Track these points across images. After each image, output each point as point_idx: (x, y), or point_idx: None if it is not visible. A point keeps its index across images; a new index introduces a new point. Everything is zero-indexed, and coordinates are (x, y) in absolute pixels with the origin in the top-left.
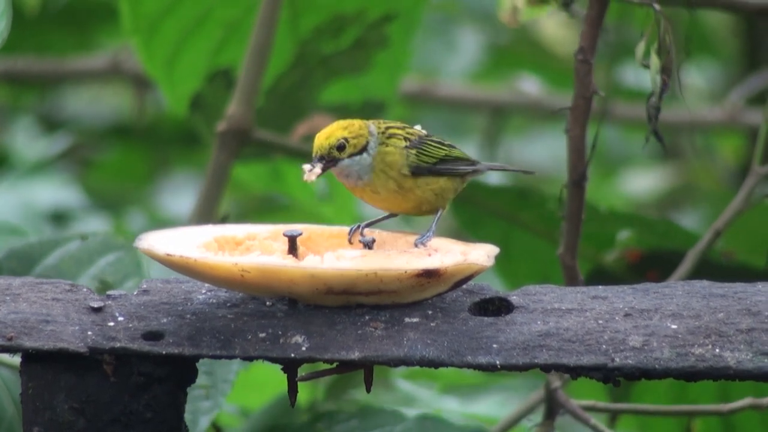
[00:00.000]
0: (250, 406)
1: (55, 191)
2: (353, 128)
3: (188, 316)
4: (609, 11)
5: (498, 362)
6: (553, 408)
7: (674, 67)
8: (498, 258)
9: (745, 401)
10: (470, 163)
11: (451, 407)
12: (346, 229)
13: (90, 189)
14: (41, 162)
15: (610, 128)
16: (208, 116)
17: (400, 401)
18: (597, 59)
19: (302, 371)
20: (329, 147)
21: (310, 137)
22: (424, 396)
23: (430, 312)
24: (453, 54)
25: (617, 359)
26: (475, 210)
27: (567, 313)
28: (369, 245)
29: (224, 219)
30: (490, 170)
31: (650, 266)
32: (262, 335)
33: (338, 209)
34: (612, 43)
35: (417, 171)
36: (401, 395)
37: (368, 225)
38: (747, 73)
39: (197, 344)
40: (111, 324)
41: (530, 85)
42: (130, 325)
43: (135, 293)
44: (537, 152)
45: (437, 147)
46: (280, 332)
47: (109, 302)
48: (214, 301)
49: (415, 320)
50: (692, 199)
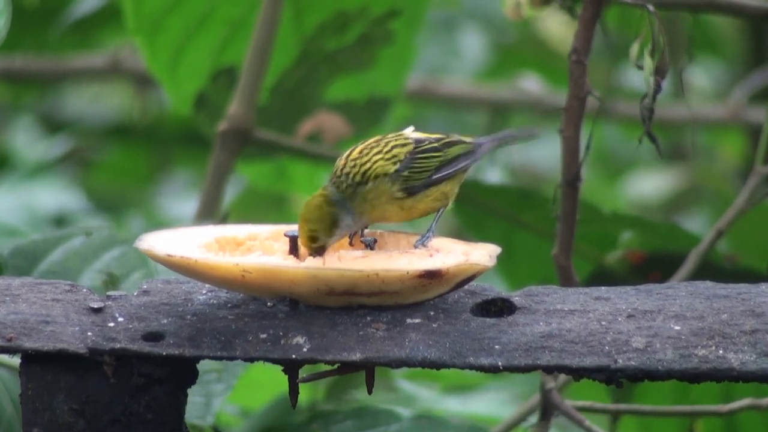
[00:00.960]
0: (250, 406)
1: (56, 194)
2: (315, 214)
3: (189, 317)
4: (610, 13)
5: (500, 363)
6: (548, 409)
7: (673, 68)
8: (499, 258)
9: (745, 402)
10: (467, 155)
11: (452, 407)
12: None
13: (91, 190)
14: (42, 164)
15: (613, 130)
16: (212, 115)
17: (401, 402)
18: (599, 61)
19: (303, 372)
20: (309, 246)
21: (315, 135)
22: (425, 396)
23: (432, 313)
24: (456, 55)
25: (620, 361)
26: (477, 210)
27: (569, 314)
28: (370, 246)
29: (225, 218)
30: (490, 151)
31: (653, 268)
32: (263, 336)
33: None
34: (613, 45)
35: (413, 190)
36: (402, 395)
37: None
38: (752, 72)
39: (198, 345)
40: (111, 325)
41: (532, 84)
42: (131, 326)
43: (135, 294)
44: (539, 153)
45: (429, 158)
46: (281, 333)
47: (109, 303)
48: (215, 302)
49: (417, 321)
50: (698, 202)
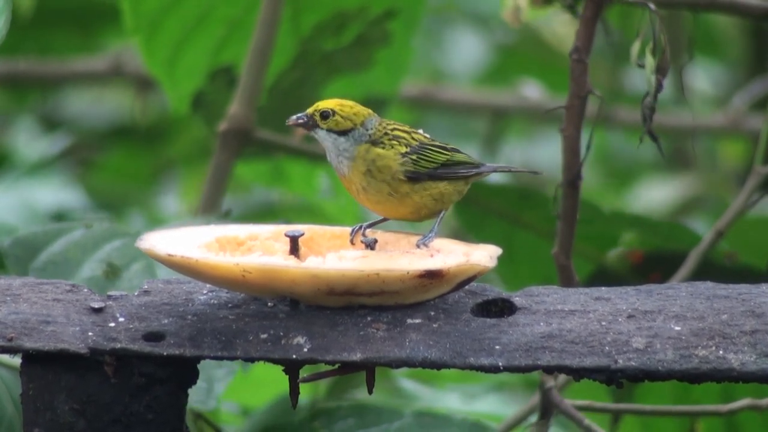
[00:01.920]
0: (251, 405)
1: (56, 192)
2: (347, 110)
3: (189, 317)
4: (611, 13)
5: (500, 364)
6: (548, 408)
7: (674, 67)
8: (500, 259)
9: (744, 402)
10: (473, 166)
11: (453, 405)
12: (348, 230)
13: (91, 190)
14: (41, 162)
15: (616, 136)
16: (210, 114)
17: (402, 400)
18: (601, 62)
19: (304, 372)
20: (316, 110)
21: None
22: (426, 394)
23: (433, 313)
24: (454, 57)
25: (620, 361)
26: (478, 211)
27: (570, 315)
28: (371, 246)
29: (226, 214)
30: (495, 171)
31: (653, 267)
32: (264, 336)
33: (341, 209)
34: (615, 45)
35: (415, 177)
36: (403, 394)
37: (370, 226)
38: (754, 76)
39: (198, 345)
40: (112, 325)
41: (532, 90)
42: (131, 326)
43: (136, 294)
44: (541, 155)
45: (439, 152)
46: (282, 333)
47: (110, 303)
48: (216, 302)
49: (418, 321)
50: (703, 209)
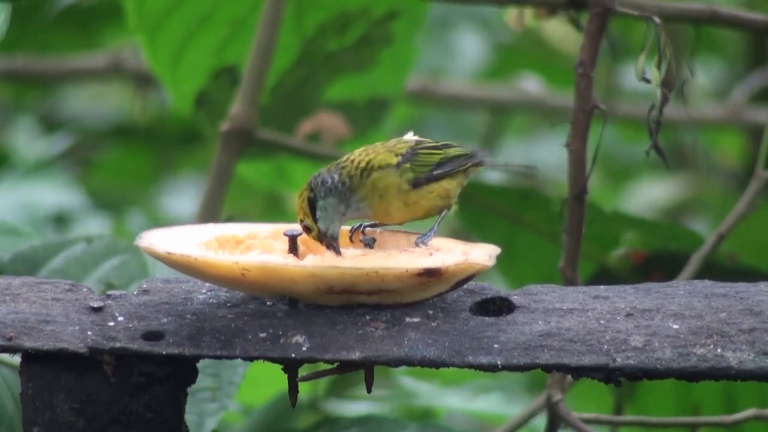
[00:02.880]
0: (250, 403)
1: (56, 192)
2: (302, 215)
3: (188, 316)
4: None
5: (499, 362)
6: (555, 421)
7: (679, 73)
8: (502, 258)
9: (749, 412)
10: (467, 157)
11: (453, 403)
12: (347, 229)
13: (92, 190)
14: (42, 162)
15: (613, 131)
16: (213, 114)
17: (401, 398)
18: (601, 61)
19: (303, 371)
20: (316, 239)
21: (315, 135)
22: (426, 392)
23: (431, 312)
24: (455, 55)
25: (619, 359)
26: (480, 210)
27: (568, 313)
28: (370, 244)
29: (229, 219)
30: (492, 166)
31: (655, 268)
32: (263, 335)
33: None
34: (615, 45)
35: (417, 182)
36: (403, 392)
37: (370, 225)
38: (751, 71)
39: (197, 344)
40: (111, 324)
41: (532, 84)
42: (130, 325)
43: (135, 293)
44: (542, 155)
45: (430, 153)
46: (281, 332)
47: (109, 302)
48: (215, 301)
49: (416, 320)
50: (700, 210)
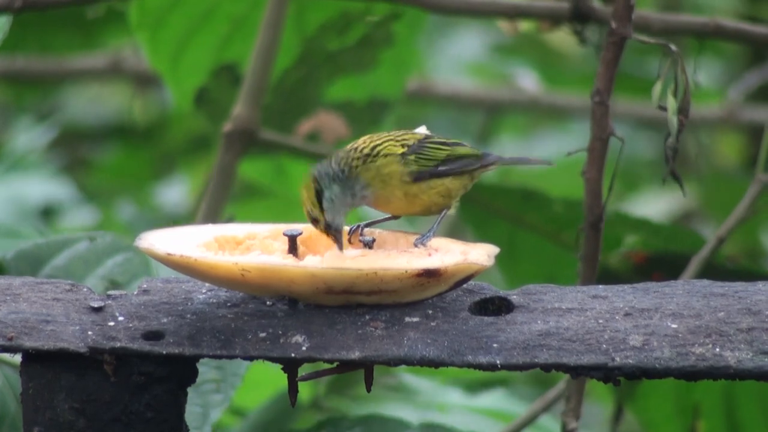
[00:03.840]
0: (248, 406)
1: (44, 185)
2: (309, 205)
3: (188, 316)
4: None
5: (498, 362)
6: None
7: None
8: (503, 259)
9: None
10: (476, 159)
11: (455, 400)
12: (346, 229)
13: (91, 190)
14: (28, 153)
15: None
16: (214, 112)
17: (403, 396)
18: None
19: (302, 371)
20: (322, 231)
21: (315, 135)
22: (428, 389)
23: (431, 311)
24: (452, 53)
25: (617, 359)
26: (481, 211)
27: (567, 313)
28: (369, 245)
29: (230, 220)
30: (509, 162)
31: (655, 268)
32: (263, 335)
33: None
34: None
35: (419, 176)
36: (404, 390)
37: (368, 225)
38: (751, 67)
39: (197, 344)
40: (111, 324)
41: (528, 81)
42: (131, 325)
43: (135, 293)
44: (538, 152)
45: (438, 148)
46: (281, 332)
47: (110, 302)
48: (215, 301)
49: (416, 320)
50: (707, 215)
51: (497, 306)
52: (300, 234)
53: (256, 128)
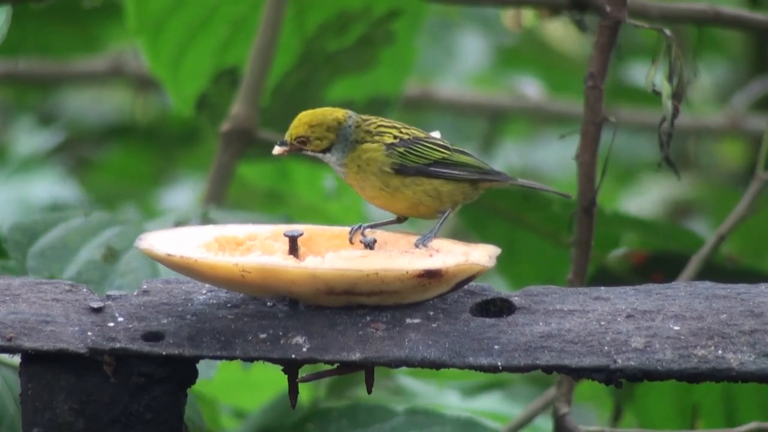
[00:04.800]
0: (248, 407)
1: (50, 186)
2: (319, 131)
3: (188, 317)
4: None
5: (499, 363)
6: None
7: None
8: (503, 260)
9: (752, 425)
10: (478, 171)
11: (452, 403)
12: (347, 230)
13: (90, 188)
14: (35, 156)
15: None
16: (214, 115)
17: (402, 398)
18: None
19: (303, 372)
20: (294, 136)
21: None
22: (426, 392)
23: (432, 313)
24: (455, 58)
25: (619, 360)
26: (481, 211)
27: (569, 315)
28: (370, 246)
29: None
30: (515, 185)
31: (655, 268)
32: (263, 336)
33: (346, 209)
34: (618, 42)
35: (403, 170)
36: (402, 392)
37: (370, 226)
38: (756, 73)
39: (197, 345)
40: (111, 324)
41: (531, 89)
42: (130, 326)
43: (135, 293)
44: (542, 157)
45: (435, 150)
46: (281, 333)
47: (109, 302)
48: (215, 302)
49: (417, 321)
50: (701, 210)
51: (499, 307)
52: (301, 235)
53: (254, 127)
